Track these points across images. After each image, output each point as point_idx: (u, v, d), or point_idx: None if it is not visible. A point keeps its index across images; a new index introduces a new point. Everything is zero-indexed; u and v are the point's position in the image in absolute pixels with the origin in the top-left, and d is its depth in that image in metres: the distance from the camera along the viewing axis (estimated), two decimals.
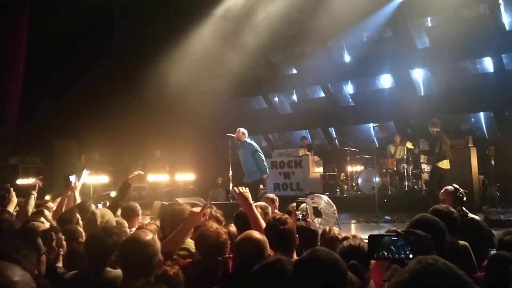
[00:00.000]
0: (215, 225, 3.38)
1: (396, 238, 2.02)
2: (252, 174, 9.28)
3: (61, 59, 13.33)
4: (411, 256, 1.97)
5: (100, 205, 5.96)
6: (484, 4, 11.60)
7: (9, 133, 12.77)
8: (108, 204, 5.82)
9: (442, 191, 4.88)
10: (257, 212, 3.68)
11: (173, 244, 3.28)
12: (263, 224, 3.48)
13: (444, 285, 1.36)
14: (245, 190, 3.78)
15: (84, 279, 2.87)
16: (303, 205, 4.08)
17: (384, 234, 2.08)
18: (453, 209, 3.76)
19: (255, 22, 13.10)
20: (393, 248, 2.01)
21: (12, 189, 5.16)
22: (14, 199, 5.11)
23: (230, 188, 9.55)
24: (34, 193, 5.16)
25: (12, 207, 4.99)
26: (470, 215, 4.74)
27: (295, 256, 3.14)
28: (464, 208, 4.73)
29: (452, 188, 4.80)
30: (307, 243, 3.40)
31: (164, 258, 2.72)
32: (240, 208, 3.97)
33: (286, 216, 3.36)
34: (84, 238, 3.53)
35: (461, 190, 4.84)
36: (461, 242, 3.36)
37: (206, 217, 3.50)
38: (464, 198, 4.81)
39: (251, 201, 3.72)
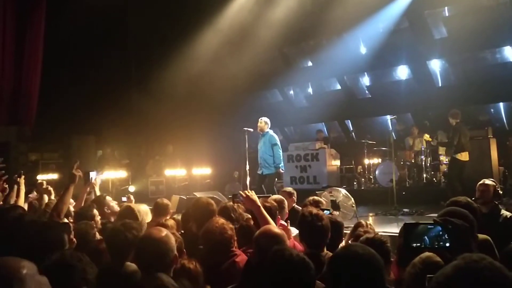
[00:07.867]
0: (221, 221, 3.37)
1: (432, 227, 1.98)
2: (268, 166, 9.23)
3: (78, 56, 13.49)
4: (447, 245, 1.93)
5: (124, 198, 5.96)
6: None
7: (28, 130, 12.98)
8: (132, 198, 5.83)
9: (481, 184, 4.81)
10: (266, 214, 3.62)
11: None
12: (274, 225, 3.45)
13: (487, 284, 1.29)
14: (252, 193, 3.76)
15: (106, 272, 2.86)
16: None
17: (420, 222, 2.04)
18: (471, 201, 3.68)
19: (269, 16, 13.03)
20: (428, 237, 1.97)
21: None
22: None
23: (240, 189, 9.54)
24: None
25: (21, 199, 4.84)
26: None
27: (325, 251, 3.16)
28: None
29: (493, 182, 4.76)
30: (332, 235, 3.41)
31: None
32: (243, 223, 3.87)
33: (322, 213, 3.34)
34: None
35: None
36: (481, 236, 3.24)
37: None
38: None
39: (259, 203, 3.68)
